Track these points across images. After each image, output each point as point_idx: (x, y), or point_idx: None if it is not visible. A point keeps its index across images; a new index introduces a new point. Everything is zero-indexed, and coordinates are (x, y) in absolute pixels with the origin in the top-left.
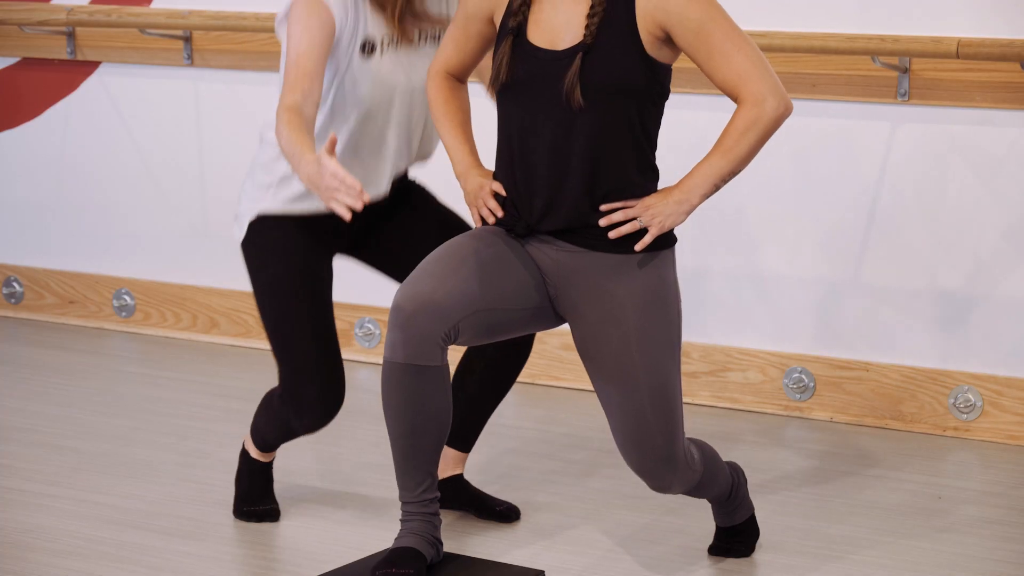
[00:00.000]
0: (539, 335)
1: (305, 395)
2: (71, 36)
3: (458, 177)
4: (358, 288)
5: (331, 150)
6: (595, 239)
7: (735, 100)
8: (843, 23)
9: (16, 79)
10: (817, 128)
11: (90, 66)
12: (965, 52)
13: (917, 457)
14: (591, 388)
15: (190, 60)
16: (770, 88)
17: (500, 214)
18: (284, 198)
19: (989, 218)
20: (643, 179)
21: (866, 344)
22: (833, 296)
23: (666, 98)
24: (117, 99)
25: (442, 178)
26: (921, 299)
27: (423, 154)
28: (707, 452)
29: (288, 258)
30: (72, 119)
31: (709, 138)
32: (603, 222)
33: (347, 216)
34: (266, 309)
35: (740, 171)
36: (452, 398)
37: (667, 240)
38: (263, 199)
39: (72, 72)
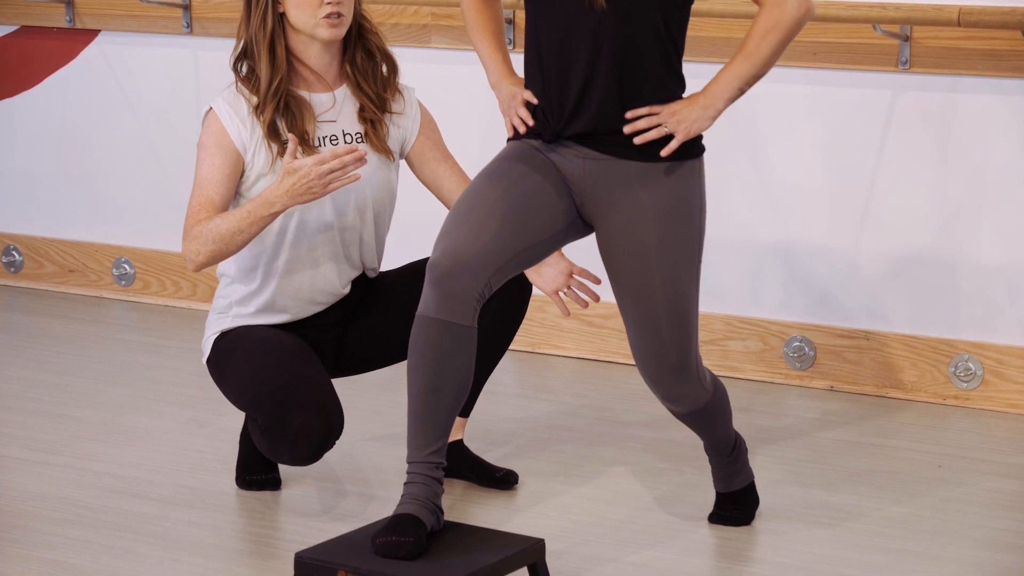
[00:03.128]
0: (539, 303)
1: (288, 426)
2: (70, 4)
3: (492, 86)
4: None
5: (293, 152)
6: (621, 146)
7: (756, 2)
8: None
9: (15, 47)
10: (818, 96)
11: (89, 34)
12: (966, 20)
13: (917, 426)
14: (591, 356)
15: (189, 28)
16: None
17: (531, 123)
18: (244, 315)
19: (991, 186)
20: (670, 84)
21: (866, 313)
22: (833, 265)
23: (690, 2)
24: (116, 67)
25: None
26: (921, 268)
27: (367, 261)
28: (718, 381)
29: (252, 331)
30: (71, 87)
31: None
32: (627, 129)
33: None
34: (239, 381)
35: (764, 74)
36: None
37: (694, 149)
38: (222, 321)
39: (71, 40)
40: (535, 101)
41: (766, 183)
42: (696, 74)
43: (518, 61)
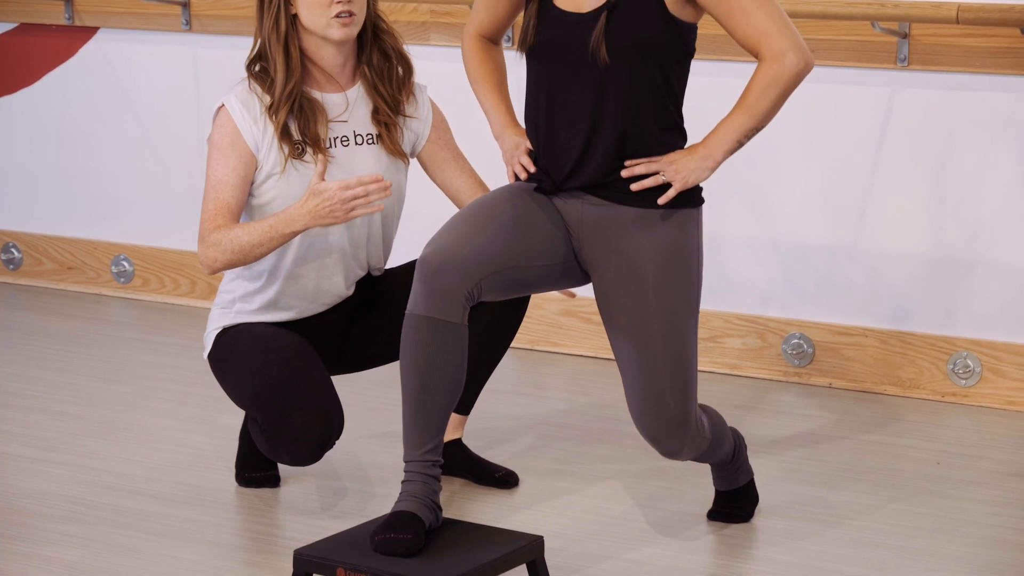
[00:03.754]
0: (537, 300)
1: (288, 426)
2: (69, 1)
3: (495, 136)
4: None
5: (322, 173)
6: (620, 192)
7: (756, 56)
8: None
9: (14, 44)
10: (817, 94)
11: (88, 31)
12: (965, 17)
13: (916, 423)
14: (590, 354)
15: (188, 26)
16: (791, 44)
17: (532, 169)
18: (247, 311)
19: (989, 183)
20: (670, 138)
21: (865, 310)
22: (832, 262)
23: (691, 57)
24: (115, 65)
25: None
26: (920, 264)
27: (374, 262)
28: (715, 418)
29: (254, 328)
30: (70, 85)
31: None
32: (625, 174)
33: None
34: (240, 379)
35: (763, 127)
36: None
37: (693, 199)
38: (225, 317)
39: (70, 37)
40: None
41: (765, 180)
42: (700, 71)
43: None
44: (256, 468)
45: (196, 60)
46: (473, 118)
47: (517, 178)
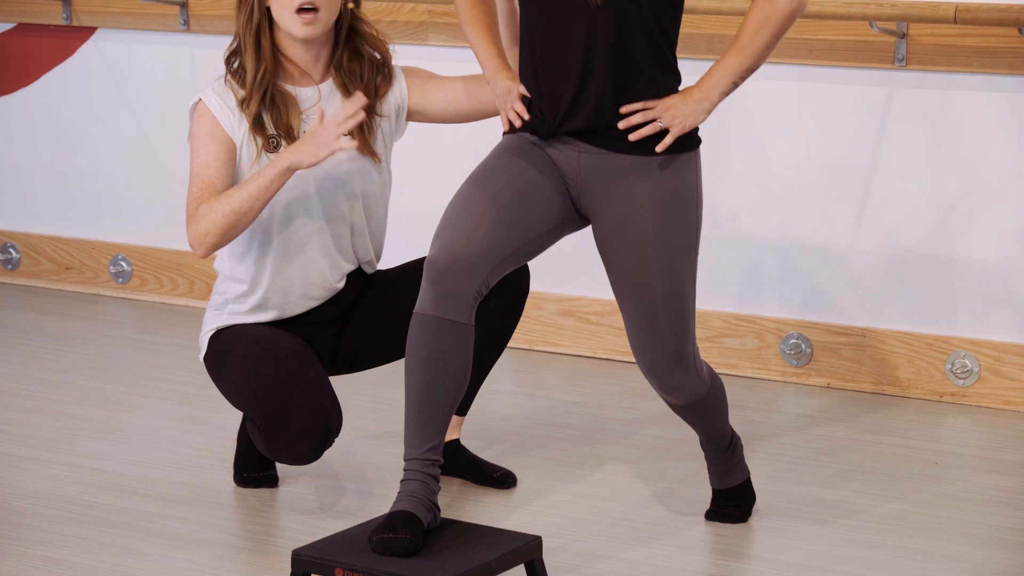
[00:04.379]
0: (536, 301)
1: (288, 425)
2: (67, 2)
3: (487, 80)
4: None
5: (321, 119)
6: (617, 140)
7: None
8: None
9: (12, 44)
10: (814, 93)
11: (86, 31)
12: (963, 17)
13: (914, 423)
14: (588, 354)
15: (186, 26)
16: None
17: (527, 117)
18: (239, 312)
19: (987, 183)
20: (664, 79)
21: (863, 310)
22: (830, 262)
23: None
24: (113, 65)
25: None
26: (918, 265)
27: (361, 254)
28: (715, 376)
29: (248, 329)
30: (68, 85)
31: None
32: (622, 125)
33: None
34: (238, 383)
35: (757, 67)
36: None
37: (690, 142)
38: (218, 318)
39: (68, 37)
40: (530, 96)
41: (762, 180)
42: (692, 71)
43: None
44: (254, 468)
45: (194, 60)
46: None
47: (512, 127)
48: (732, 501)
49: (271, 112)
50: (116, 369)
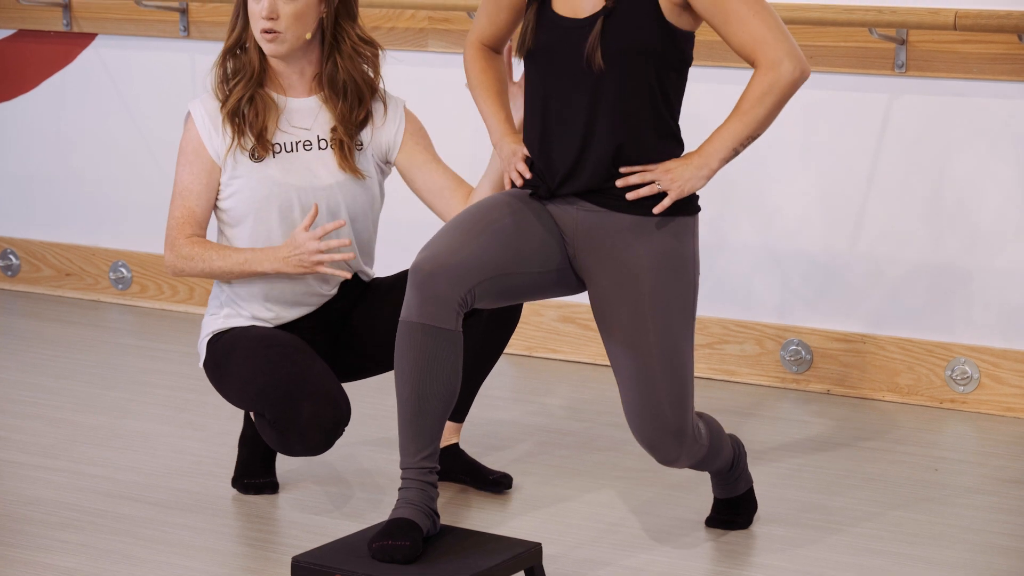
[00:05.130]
0: (535, 307)
1: (297, 417)
2: (67, 8)
3: (494, 145)
4: None
5: (309, 221)
6: (616, 199)
7: (752, 64)
8: None
9: (12, 51)
10: (815, 100)
11: (86, 38)
12: (962, 23)
13: (914, 429)
14: (587, 360)
15: (186, 32)
16: (786, 52)
17: (528, 176)
18: (234, 316)
19: (987, 189)
20: (665, 146)
21: (863, 317)
22: (830, 268)
23: (688, 66)
24: (113, 71)
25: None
26: (918, 271)
27: (355, 264)
28: (713, 426)
29: (248, 331)
30: (68, 91)
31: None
32: (619, 183)
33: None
34: (241, 383)
35: (759, 135)
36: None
37: (689, 207)
38: (215, 322)
39: (68, 44)
40: (533, 160)
41: (762, 187)
42: (695, 78)
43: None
44: (254, 475)
45: (194, 66)
46: (468, 123)
47: (514, 185)
48: (734, 509)
49: (249, 109)
50: (116, 375)
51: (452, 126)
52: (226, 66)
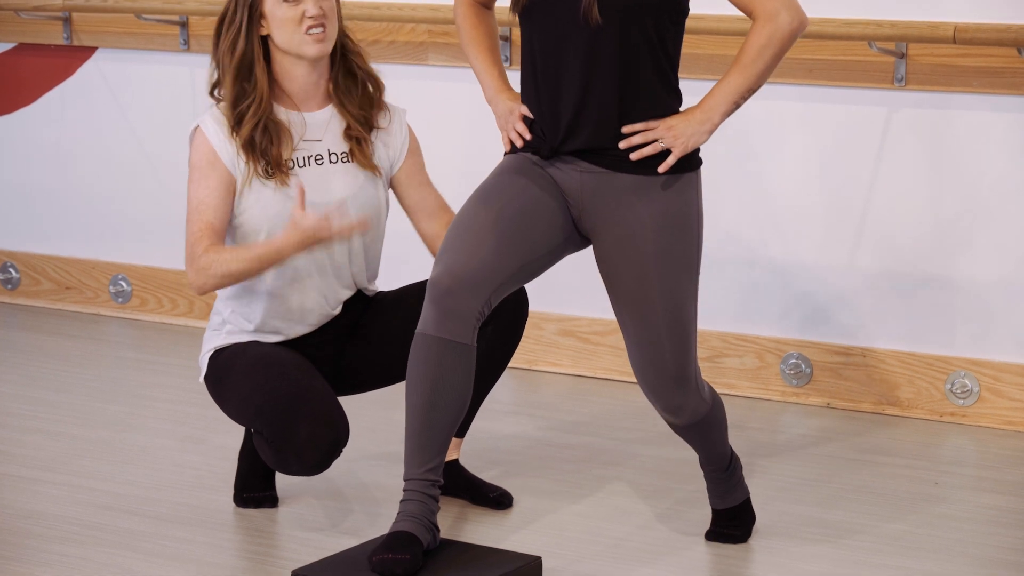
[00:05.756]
0: (536, 320)
1: (296, 436)
2: (67, 21)
3: (488, 101)
4: None
5: (300, 203)
6: (618, 159)
7: (750, 16)
8: (839, 8)
9: (12, 64)
10: (813, 113)
11: (86, 51)
12: (962, 37)
13: (914, 443)
14: (588, 374)
15: (186, 45)
16: (784, 3)
17: (528, 137)
18: (237, 331)
19: (986, 203)
20: (666, 98)
21: (863, 330)
22: (830, 282)
23: (685, 16)
24: (113, 85)
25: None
26: (918, 284)
27: (359, 280)
28: (716, 395)
29: (249, 347)
30: (69, 104)
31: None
32: (623, 145)
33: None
34: (240, 398)
35: (759, 87)
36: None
37: (691, 162)
38: (217, 338)
39: (68, 57)
40: (532, 116)
41: (762, 200)
42: (693, 91)
43: (514, 78)
44: (254, 488)
45: (194, 80)
46: (468, 137)
47: (513, 145)
48: (732, 521)
49: (262, 140)
50: (116, 389)
51: (452, 139)
52: (235, 88)
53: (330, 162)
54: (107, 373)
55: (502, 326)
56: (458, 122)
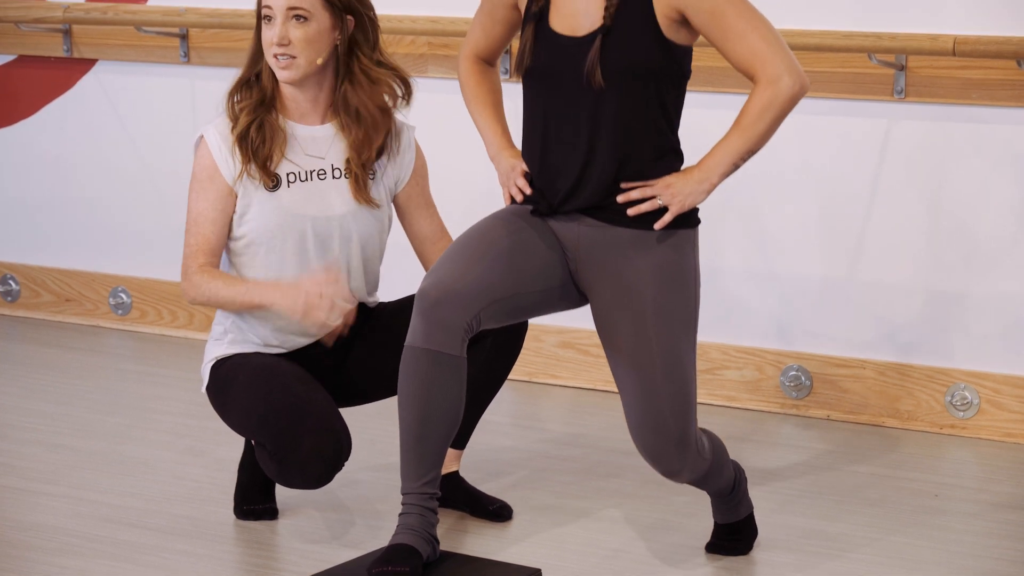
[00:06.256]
0: (536, 332)
1: (298, 450)
2: (67, 34)
3: (491, 158)
4: None
5: (329, 281)
6: (617, 214)
7: (751, 79)
8: (839, 20)
9: (12, 76)
10: (814, 126)
11: (86, 63)
12: (961, 49)
13: (914, 455)
14: (587, 386)
15: (186, 58)
16: (786, 67)
17: (528, 192)
18: (238, 342)
19: (986, 215)
20: (666, 160)
21: (863, 341)
22: (830, 293)
23: (686, 79)
24: (114, 97)
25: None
26: (918, 296)
27: (359, 295)
28: (716, 442)
29: (251, 358)
30: (69, 117)
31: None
32: (620, 199)
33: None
34: (243, 408)
35: (758, 149)
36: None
37: (689, 220)
38: (218, 348)
39: (68, 70)
40: (532, 175)
41: (762, 212)
42: (694, 103)
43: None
44: (254, 501)
45: (194, 92)
46: (467, 150)
47: (513, 200)
48: (734, 535)
49: (256, 135)
50: (116, 401)
51: (453, 152)
52: (239, 94)
53: (333, 177)
54: (107, 385)
55: (501, 338)
56: (458, 134)
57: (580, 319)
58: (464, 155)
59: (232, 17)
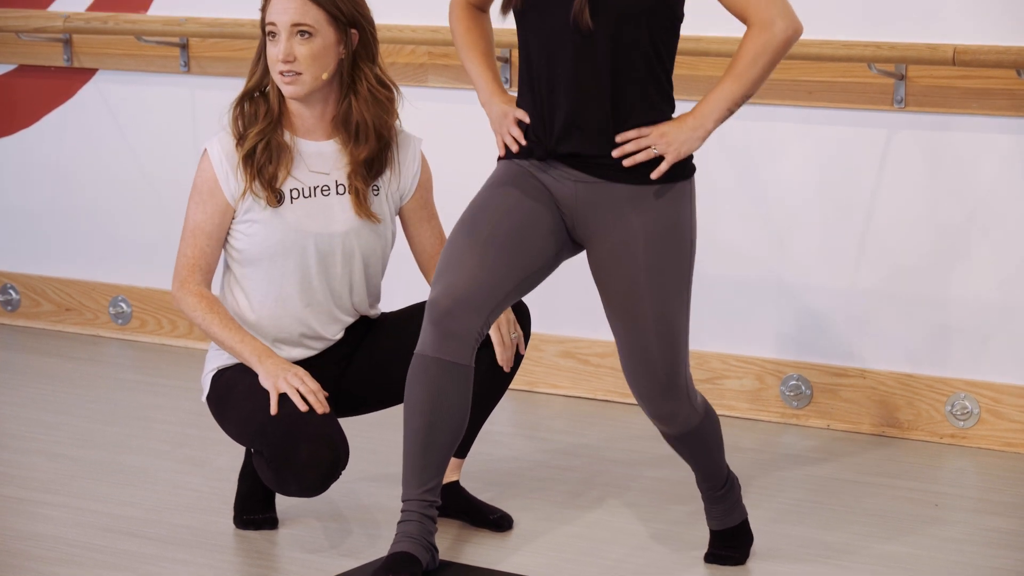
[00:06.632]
0: (537, 343)
1: (295, 457)
2: (67, 43)
3: (482, 104)
4: None
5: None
6: (612, 169)
7: (744, 23)
8: (839, 30)
9: (13, 86)
10: (813, 135)
11: (86, 73)
12: (961, 59)
13: (914, 464)
14: (588, 396)
15: (187, 67)
16: (779, 11)
17: (523, 142)
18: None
19: (986, 225)
20: (659, 105)
21: (863, 351)
22: (830, 303)
23: (679, 22)
24: (114, 106)
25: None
26: (918, 306)
27: (361, 308)
28: (710, 408)
29: (248, 370)
30: (69, 126)
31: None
32: (616, 153)
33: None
34: (242, 420)
35: (752, 94)
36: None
37: (684, 171)
38: (220, 358)
39: (68, 79)
40: (527, 120)
41: (762, 221)
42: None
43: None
44: (254, 510)
45: (194, 101)
46: (467, 159)
47: (507, 150)
48: (730, 542)
49: (263, 154)
50: (116, 410)
51: (454, 162)
52: (243, 107)
53: (337, 193)
54: (107, 395)
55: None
56: (458, 144)
57: (581, 329)
58: (465, 164)
59: (232, 27)
